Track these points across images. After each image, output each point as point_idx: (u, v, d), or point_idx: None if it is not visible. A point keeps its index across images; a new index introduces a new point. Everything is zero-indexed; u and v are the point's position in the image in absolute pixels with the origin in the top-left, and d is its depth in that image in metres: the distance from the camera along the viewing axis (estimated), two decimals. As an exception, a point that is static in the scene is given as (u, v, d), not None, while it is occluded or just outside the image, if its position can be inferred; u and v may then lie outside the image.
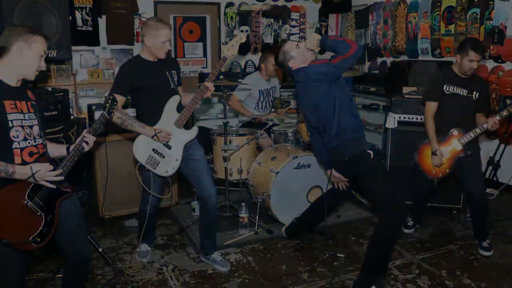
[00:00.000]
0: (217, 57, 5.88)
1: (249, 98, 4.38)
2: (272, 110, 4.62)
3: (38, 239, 1.94)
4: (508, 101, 4.15)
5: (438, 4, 4.86)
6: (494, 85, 4.32)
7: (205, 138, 3.81)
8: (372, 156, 2.65)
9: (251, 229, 3.46)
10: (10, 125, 1.89)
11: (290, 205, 3.46)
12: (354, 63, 4.22)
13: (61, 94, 3.24)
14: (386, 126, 4.04)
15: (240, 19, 5.93)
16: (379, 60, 5.90)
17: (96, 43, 5.12)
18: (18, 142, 1.92)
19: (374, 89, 5.22)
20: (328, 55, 2.73)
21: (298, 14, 6.27)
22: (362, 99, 5.60)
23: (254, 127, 4.20)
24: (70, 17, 4.27)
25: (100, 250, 2.99)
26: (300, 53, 2.68)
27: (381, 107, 5.29)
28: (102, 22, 5.12)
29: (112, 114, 2.15)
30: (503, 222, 3.66)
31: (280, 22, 6.18)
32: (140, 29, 5.06)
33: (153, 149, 2.76)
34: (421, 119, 3.41)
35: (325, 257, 3.12)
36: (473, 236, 3.30)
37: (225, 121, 3.66)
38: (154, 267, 3.00)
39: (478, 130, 3.04)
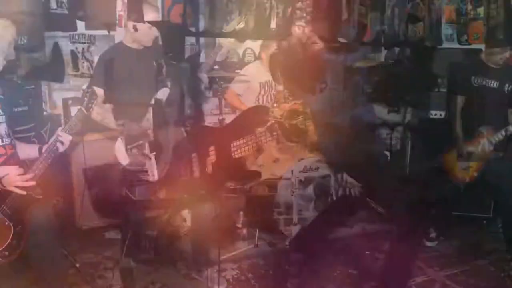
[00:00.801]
0: (211, 45, 5.87)
1: (248, 92, 4.38)
2: (275, 105, 4.61)
3: (7, 253, 1.94)
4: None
5: (465, -17, 4.87)
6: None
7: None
8: (388, 158, 2.65)
9: (251, 242, 3.46)
10: (-27, 122, 1.90)
11: (295, 214, 3.45)
12: (368, 52, 4.22)
13: (33, 87, 3.24)
14: (405, 123, 4.04)
15: (238, 1, 5.92)
16: (396, 48, 5.89)
17: (73, 28, 5.12)
18: (-17, 142, 1.92)
19: (391, 81, 5.22)
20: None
21: (305, -5, 6.27)
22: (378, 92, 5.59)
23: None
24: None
25: (77, 265, 2.99)
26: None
27: (400, 101, 5.28)
28: (79, 3, 5.12)
29: (91, 109, 2.15)
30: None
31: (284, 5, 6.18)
32: (123, 12, 5.06)
33: (138, 150, 2.76)
34: (446, 115, 3.41)
35: (335, 273, 3.12)
36: (505, 249, 3.30)
37: (221, 117, 3.66)
38: (139, 285, 3.00)
39: (510, 128, 3.04)
